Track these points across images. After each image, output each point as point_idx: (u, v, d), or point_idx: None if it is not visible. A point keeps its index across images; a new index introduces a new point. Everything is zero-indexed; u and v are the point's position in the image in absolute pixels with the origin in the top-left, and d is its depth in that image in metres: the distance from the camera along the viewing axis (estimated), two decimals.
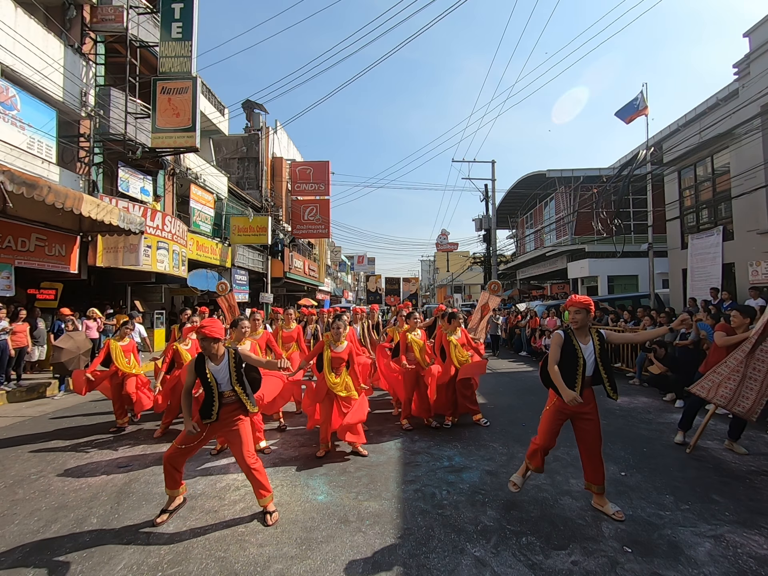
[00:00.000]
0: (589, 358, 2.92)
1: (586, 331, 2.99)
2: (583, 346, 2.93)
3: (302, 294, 25.60)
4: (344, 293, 45.11)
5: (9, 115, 7.81)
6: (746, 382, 3.86)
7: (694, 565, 2.39)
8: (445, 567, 2.40)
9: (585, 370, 2.90)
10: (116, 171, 10.24)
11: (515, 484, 3.07)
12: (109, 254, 9.32)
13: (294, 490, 3.38)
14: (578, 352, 2.90)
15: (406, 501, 3.19)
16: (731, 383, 3.88)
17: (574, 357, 2.91)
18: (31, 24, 8.34)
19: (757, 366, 3.86)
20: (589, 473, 3.02)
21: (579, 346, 2.92)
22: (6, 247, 7.36)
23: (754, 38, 9.78)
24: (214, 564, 2.44)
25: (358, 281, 65.33)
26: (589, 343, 2.95)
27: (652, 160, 11.90)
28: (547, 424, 3.01)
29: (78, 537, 2.74)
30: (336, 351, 4.15)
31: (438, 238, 36.12)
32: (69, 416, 5.79)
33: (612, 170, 16.98)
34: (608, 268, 17.55)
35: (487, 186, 20.82)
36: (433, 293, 56.00)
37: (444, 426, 5.03)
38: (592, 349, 2.93)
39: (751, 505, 3.09)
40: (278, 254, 18.75)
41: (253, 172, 19.41)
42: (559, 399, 2.95)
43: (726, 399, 3.88)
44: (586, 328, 2.99)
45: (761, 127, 9.13)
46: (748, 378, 3.86)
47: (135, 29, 10.47)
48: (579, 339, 2.95)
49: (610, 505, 2.96)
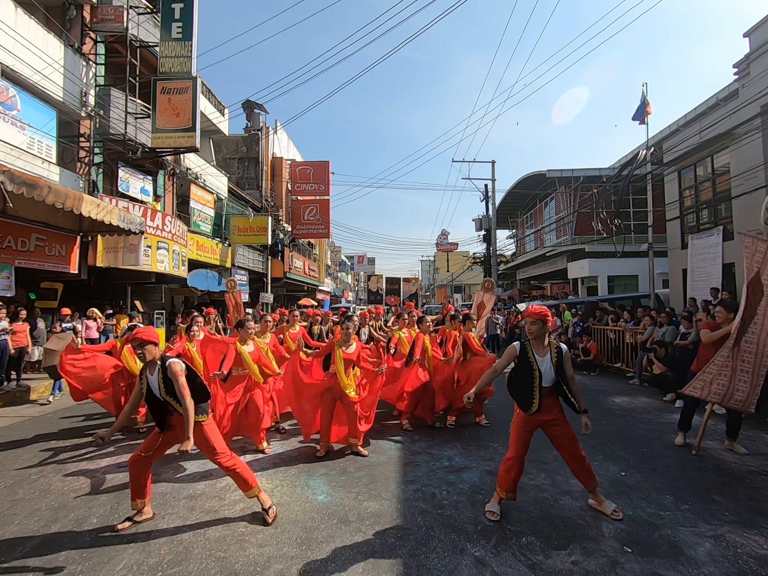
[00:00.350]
0: (546, 370, 2.90)
1: (544, 343, 2.98)
2: (539, 358, 2.93)
3: (302, 294, 25.59)
4: (344, 293, 45.11)
5: (9, 115, 7.81)
6: (737, 375, 3.90)
7: (694, 565, 2.39)
8: (445, 567, 2.40)
9: (542, 381, 2.89)
10: (116, 171, 10.23)
11: (494, 513, 2.93)
12: (109, 254, 9.32)
13: (294, 490, 3.38)
14: (534, 364, 2.92)
15: (406, 501, 3.19)
16: (723, 379, 3.92)
17: (529, 368, 2.93)
18: (31, 24, 8.34)
19: (745, 357, 3.91)
20: (577, 476, 3.03)
21: (534, 358, 2.93)
22: (6, 247, 7.36)
23: (754, 38, 9.78)
24: (214, 564, 2.44)
25: (358, 281, 65.33)
26: (547, 356, 2.94)
27: (652, 160, 11.89)
28: (516, 434, 3.01)
29: (78, 537, 2.74)
30: (347, 352, 4.19)
31: (438, 238, 36.12)
32: (69, 416, 5.79)
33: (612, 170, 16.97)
34: (608, 268, 17.55)
35: (487, 186, 20.82)
36: (433, 293, 56.03)
37: (449, 426, 5.04)
38: (549, 362, 2.92)
39: (751, 505, 3.09)
40: (278, 254, 18.75)
41: (253, 172, 19.41)
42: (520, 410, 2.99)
43: (720, 395, 3.92)
44: (543, 340, 2.98)
45: (761, 127, 9.13)
46: (738, 371, 3.91)
47: (135, 29, 10.47)
48: (536, 350, 2.96)
49: (607, 504, 2.96)
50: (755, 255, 3.94)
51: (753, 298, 3.86)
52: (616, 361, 9.06)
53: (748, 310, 3.86)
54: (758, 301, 3.88)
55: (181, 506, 3.13)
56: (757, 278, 3.88)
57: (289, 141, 24.19)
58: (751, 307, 3.87)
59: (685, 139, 11.26)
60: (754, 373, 3.87)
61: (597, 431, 4.90)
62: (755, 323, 3.90)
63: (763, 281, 3.88)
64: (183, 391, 2.76)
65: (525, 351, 2.97)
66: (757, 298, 3.88)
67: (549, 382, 2.91)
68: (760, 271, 3.90)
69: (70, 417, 5.76)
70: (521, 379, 2.96)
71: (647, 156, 11.23)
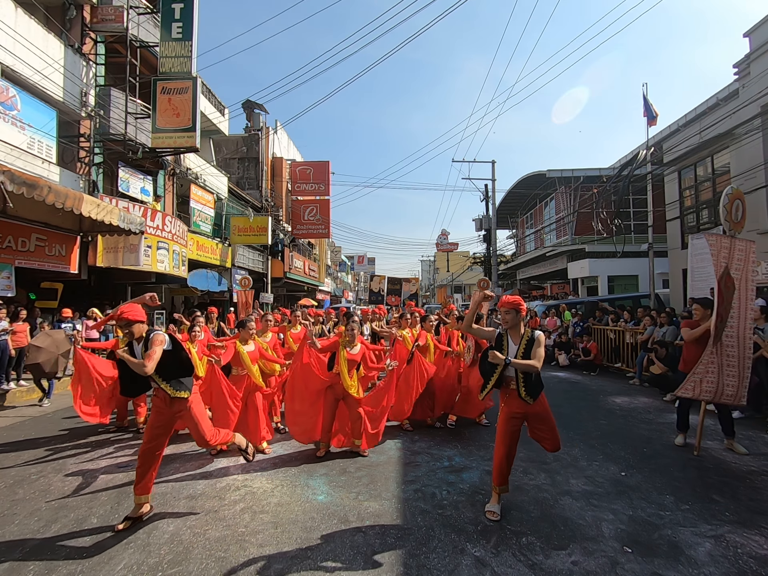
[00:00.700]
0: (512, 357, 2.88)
1: (519, 332, 2.98)
2: (513, 346, 2.96)
3: (302, 294, 25.58)
4: (344, 293, 45.10)
5: (9, 115, 7.81)
6: (725, 370, 3.98)
7: (694, 565, 2.39)
8: (445, 567, 2.40)
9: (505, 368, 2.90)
10: (116, 171, 10.23)
11: (494, 513, 2.94)
12: (109, 254, 9.32)
13: (294, 490, 3.38)
14: (504, 352, 2.94)
15: (406, 501, 3.19)
16: (711, 376, 3.98)
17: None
18: (31, 24, 8.34)
19: (729, 352, 3.99)
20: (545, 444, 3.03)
21: (507, 346, 2.97)
22: (6, 247, 7.36)
23: (754, 38, 9.77)
24: (214, 564, 2.44)
25: (358, 281, 65.33)
26: (518, 344, 2.95)
27: (652, 160, 11.89)
28: (502, 432, 2.99)
29: (78, 537, 2.74)
30: (351, 353, 4.18)
31: (438, 238, 36.10)
32: (69, 416, 5.79)
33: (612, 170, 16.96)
34: (608, 268, 17.53)
35: (487, 186, 20.81)
36: (433, 293, 55.98)
37: (449, 426, 5.04)
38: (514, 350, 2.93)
39: (751, 505, 3.09)
40: (278, 254, 18.74)
41: (253, 172, 19.41)
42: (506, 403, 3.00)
43: (711, 393, 3.99)
44: (519, 329, 2.99)
45: (761, 127, 9.13)
46: (725, 366, 3.98)
47: (135, 29, 10.46)
48: (512, 339, 3.00)
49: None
50: (720, 251, 4.04)
51: (726, 292, 3.96)
52: (616, 361, 9.06)
53: (723, 306, 3.94)
54: (731, 296, 3.99)
55: (181, 506, 3.13)
56: (726, 273, 3.98)
57: (289, 141, 24.18)
58: (726, 302, 3.96)
59: (685, 139, 11.26)
60: (739, 366, 3.98)
61: (597, 431, 4.90)
62: (732, 317, 4.01)
63: (732, 275, 3.99)
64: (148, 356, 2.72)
65: (501, 338, 3.03)
66: (729, 293, 3.98)
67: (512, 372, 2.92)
68: (728, 266, 4.00)
69: (70, 417, 5.76)
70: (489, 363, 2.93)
71: (647, 156, 11.22)
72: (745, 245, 4.12)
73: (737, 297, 4.00)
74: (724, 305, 3.93)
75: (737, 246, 4.09)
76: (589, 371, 9.00)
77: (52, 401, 6.76)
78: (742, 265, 4.07)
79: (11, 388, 6.82)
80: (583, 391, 7.15)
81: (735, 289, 3.99)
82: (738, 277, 4.03)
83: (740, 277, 4.04)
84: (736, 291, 3.99)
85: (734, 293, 3.99)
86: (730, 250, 4.05)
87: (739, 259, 4.07)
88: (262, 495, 3.29)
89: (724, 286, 3.94)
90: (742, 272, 4.06)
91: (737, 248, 4.08)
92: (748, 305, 4.06)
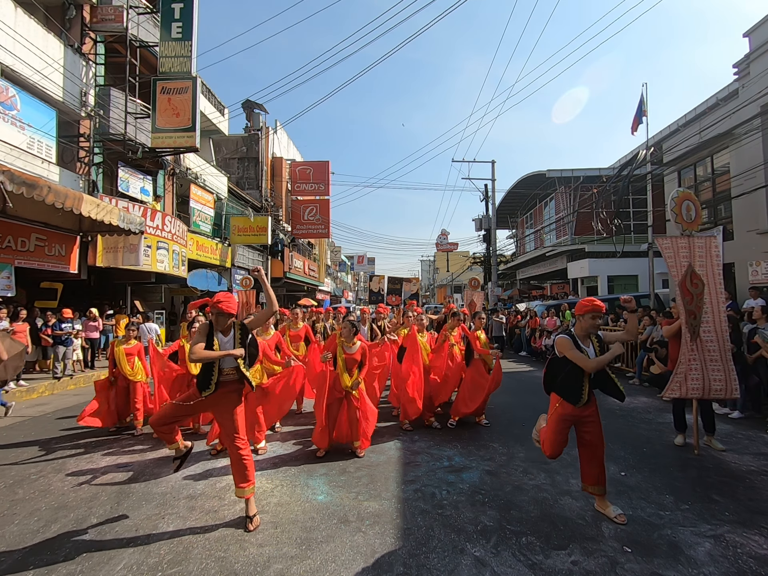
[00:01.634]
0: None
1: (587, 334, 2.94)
2: (585, 348, 2.88)
3: (302, 294, 25.58)
4: (344, 293, 45.11)
5: (9, 115, 7.81)
6: (708, 365, 4.03)
7: (694, 565, 2.39)
8: (445, 567, 2.40)
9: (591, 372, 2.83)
10: (116, 171, 10.24)
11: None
12: (109, 254, 9.32)
13: (294, 490, 3.38)
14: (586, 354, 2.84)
15: (406, 501, 3.19)
16: (695, 373, 4.03)
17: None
18: (31, 24, 8.34)
19: (709, 347, 4.05)
20: (589, 476, 2.95)
21: (584, 350, 2.87)
22: (6, 247, 7.36)
23: (753, 38, 9.79)
24: (214, 564, 2.44)
25: (358, 281, 65.33)
26: (590, 346, 2.92)
27: (652, 160, 11.89)
28: (552, 434, 2.93)
29: (78, 537, 2.74)
30: (349, 352, 4.20)
31: (438, 238, 36.07)
32: (69, 416, 5.78)
33: (612, 170, 16.96)
34: (608, 268, 17.53)
35: (487, 186, 20.82)
36: (433, 293, 55.97)
37: (449, 425, 5.04)
38: (593, 352, 2.89)
39: (751, 505, 3.09)
40: (278, 254, 18.75)
41: (253, 172, 19.41)
42: (562, 404, 2.90)
43: (699, 390, 4.03)
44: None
45: (761, 127, 9.14)
46: (708, 361, 4.04)
47: (135, 29, 10.47)
48: (582, 342, 2.90)
49: (612, 508, 2.91)
50: (679, 252, 4.17)
51: (694, 290, 4.05)
52: (615, 361, 9.06)
53: (694, 302, 4.04)
54: (701, 292, 4.07)
55: (181, 506, 3.13)
56: (691, 270, 4.08)
57: (289, 141, 24.18)
58: (696, 298, 4.05)
59: (685, 139, 11.27)
60: (722, 360, 4.03)
61: None
62: (706, 312, 4.09)
63: (698, 271, 4.09)
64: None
65: (576, 342, 2.87)
66: (698, 290, 4.07)
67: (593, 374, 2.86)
68: (691, 264, 4.11)
69: (70, 417, 5.76)
70: (570, 371, 2.83)
71: (647, 156, 11.22)
72: (705, 241, 4.23)
73: (707, 292, 4.10)
74: (694, 302, 4.04)
75: (696, 243, 4.20)
76: None
77: (52, 401, 6.76)
78: (704, 261, 4.17)
79: (11, 388, 6.82)
80: None
81: (704, 285, 4.09)
82: (704, 273, 4.13)
83: (706, 273, 4.15)
84: (705, 286, 4.09)
85: (704, 288, 4.08)
86: (689, 248, 4.17)
87: (700, 256, 4.17)
88: (261, 495, 3.28)
89: (690, 284, 4.05)
90: (706, 267, 4.16)
91: (696, 246, 4.19)
92: (719, 298, 4.15)
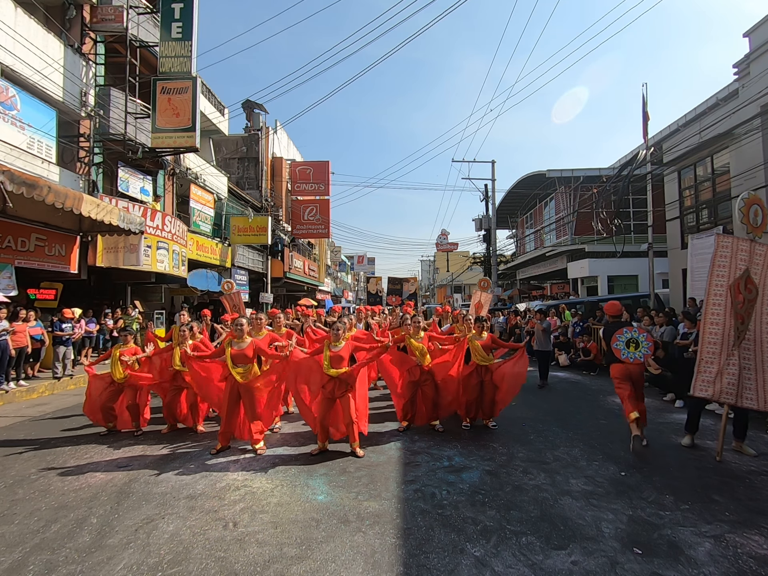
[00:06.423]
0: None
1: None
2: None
3: (302, 294, 25.59)
4: (344, 293, 45.09)
5: (9, 115, 7.81)
6: (743, 373, 3.90)
7: (694, 565, 2.39)
8: (445, 567, 2.40)
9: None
10: (116, 171, 10.23)
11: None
12: (109, 254, 9.32)
13: (294, 490, 3.38)
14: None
15: (406, 501, 3.19)
16: (730, 377, 3.88)
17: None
18: (31, 24, 8.33)
19: (745, 354, 3.94)
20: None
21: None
22: (6, 247, 7.36)
23: (753, 38, 9.77)
24: (214, 564, 2.44)
25: (358, 281, 65.32)
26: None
27: (652, 160, 11.88)
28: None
29: (78, 537, 2.74)
30: (334, 350, 4.25)
31: (438, 238, 36.06)
32: (69, 416, 5.79)
33: (612, 170, 16.95)
34: (608, 268, 17.54)
35: (487, 186, 20.80)
36: (433, 293, 55.96)
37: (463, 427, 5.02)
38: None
39: (751, 505, 3.09)
40: (278, 254, 18.73)
41: (253, 172, 19.40)
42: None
43: (732, 395, 3.87)
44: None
45: (761, 127, 9.13)
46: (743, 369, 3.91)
47: (135, 29, 10.46)
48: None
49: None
50: (737, 253, 3.99)
51: (747, 294, 3.91)
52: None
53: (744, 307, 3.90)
54: (754, 298, 3.94)
55: (181, 506, 3.13)
56: (746, 274, 3.93)
57: (289, 141, 24.17)
58: (747, 303, 3.92)
59: (685, 139, 11.25)
60: (756, 370, 3.90)
61: (597, 431, 4.91)
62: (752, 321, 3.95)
63: (753, 277, 3.94)
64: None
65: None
66: (752, 295, 3.93)
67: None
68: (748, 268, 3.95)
69: (70, 417, 5.76)
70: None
71: (647, 156, 11.22)
72: (765, 250, 4.01)
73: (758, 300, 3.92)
74: (744, 306, 3.87)
75: (756, 250, 3.99)
76: (589, 371, 8.99)
77: (52, 401, 6.76)
78: (760, 270, 3.97)
79: (11, 388, 6.83)
80: (583, 391, 7.15)
81: (758, 292, 3.91)
82: (758, 281, 3.94)
83: (760, 282, 3.96)
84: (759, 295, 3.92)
85: (757, 295, 3.91)
86: (749, 252, 3.96)
87: (757, 264, 3.97)
88: (261, 495, 3.29)
89: (744, 288, 3.88)
90: (761, 277, 3.97)
91: (756, 252, 3.99)
92: (763, 310, 3.98)
